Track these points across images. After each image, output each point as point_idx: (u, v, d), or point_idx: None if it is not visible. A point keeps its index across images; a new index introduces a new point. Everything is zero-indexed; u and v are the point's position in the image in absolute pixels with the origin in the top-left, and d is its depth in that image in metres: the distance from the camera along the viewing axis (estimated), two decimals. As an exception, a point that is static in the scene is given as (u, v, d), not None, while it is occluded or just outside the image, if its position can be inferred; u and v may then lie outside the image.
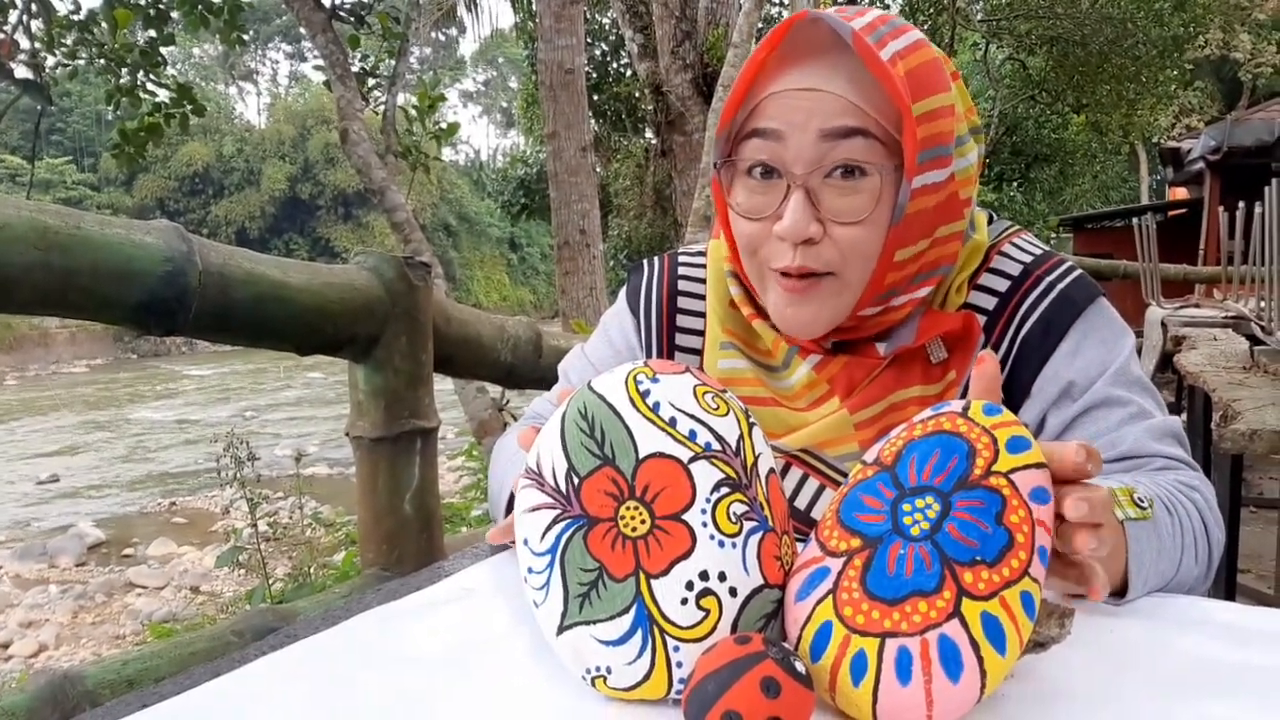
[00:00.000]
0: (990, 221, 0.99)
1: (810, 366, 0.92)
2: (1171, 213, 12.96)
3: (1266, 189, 2.20)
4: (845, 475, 0.88)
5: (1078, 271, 0.93)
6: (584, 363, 1.09)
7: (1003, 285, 0.92)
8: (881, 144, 0.81)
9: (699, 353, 1.02)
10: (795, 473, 0.93)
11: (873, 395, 0.90)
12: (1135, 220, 4.21)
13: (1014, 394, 0.91)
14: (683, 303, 1.04)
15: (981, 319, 0.91)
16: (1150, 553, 0.75)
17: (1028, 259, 0.93)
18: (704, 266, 1.04)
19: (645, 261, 1.10)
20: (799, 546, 0.65)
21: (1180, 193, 13.69)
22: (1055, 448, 0.61)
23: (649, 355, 1.04)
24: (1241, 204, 2.72)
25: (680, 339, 1.03)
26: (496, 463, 1.07)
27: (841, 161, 0.80)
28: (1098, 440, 0.87)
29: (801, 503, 0.93)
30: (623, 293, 1.10)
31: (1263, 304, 2.39)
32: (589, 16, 11.72)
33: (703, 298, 1.03)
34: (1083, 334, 0.89)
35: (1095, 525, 0.62)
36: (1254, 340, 2.36)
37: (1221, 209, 3.21)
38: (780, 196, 0.83)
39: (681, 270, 1.06)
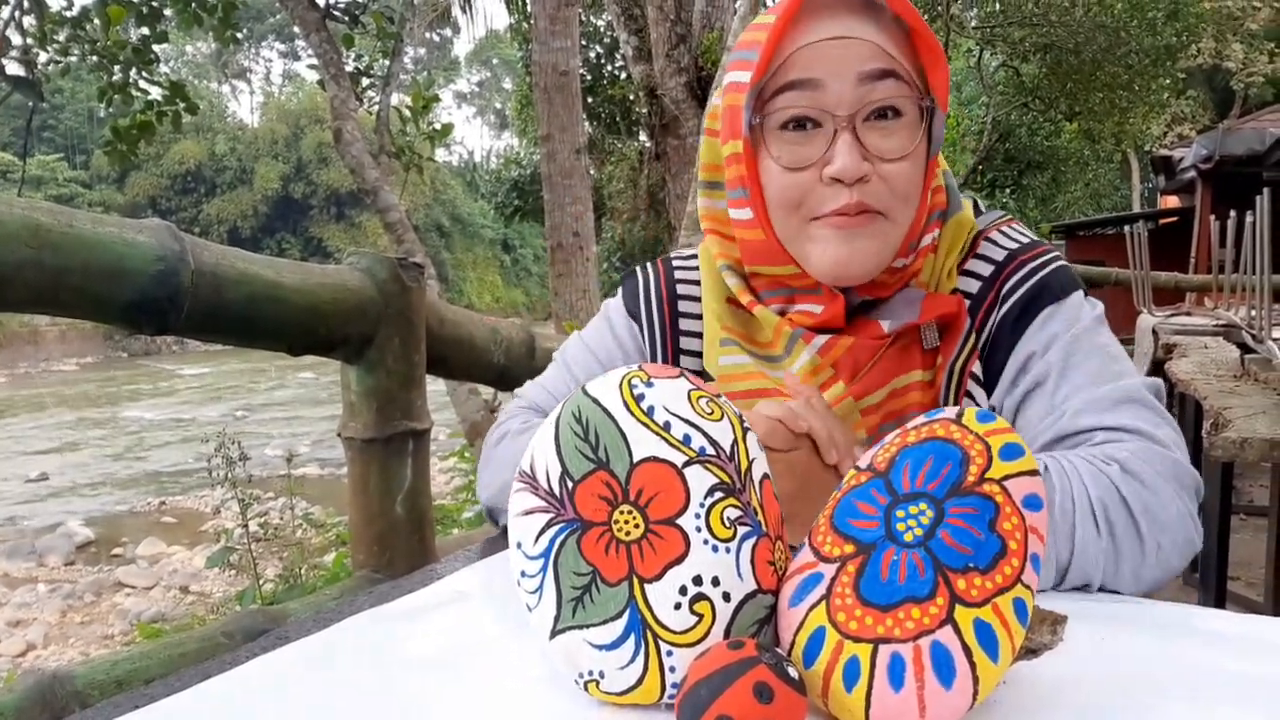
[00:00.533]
0: (977, 210, 1.01)
1: (814, 351, 0.92)
2: (1163, 221, 13.00)
3: (1257, 198, 2.21)
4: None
5: (1061, 262, 0.94)
6: (586, 354, 1.09)
7: (987, 270, 0.95)
8: (909, 85, 0.85)
9: (700, 355, 1.03)
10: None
11: (875, 380, 0.92)
12: (1127, 228, 4.23)
13: (990, 378, 0.93)
14: (683, 306, 1.05)
15: (967, 304, 0.94)
16: None
17: (1013, 245, 0.96)
18: (697, 269, 1.05)
19: (639, 268, 1.10)
20: (792, 552, 0.65)
21: (1172, 201, 13.75)
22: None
23: (653, 358, 1.05)
24: (1233, 213, 2.73)
25: (684, 341, 1.04)
26: (510, 453, 1.03)
27: (880, 102, 0.84)
28: (1041, 422, 0.88)
29: None
30: (619, 297, 1.10)
31: (1253, 312, 2.40)
32: (584, 19, 11.73)
33: (699, 299, 1.04)
34: (1050, 315, 0.91)
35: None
36: (1244, 348, 2.37)
37: (1213, 217, 3.22)
38: (824, 143, 0.85)
39: (678, 274, 1.07)
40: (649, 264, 1.10)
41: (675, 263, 1.08)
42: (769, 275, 0.95)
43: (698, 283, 1.05)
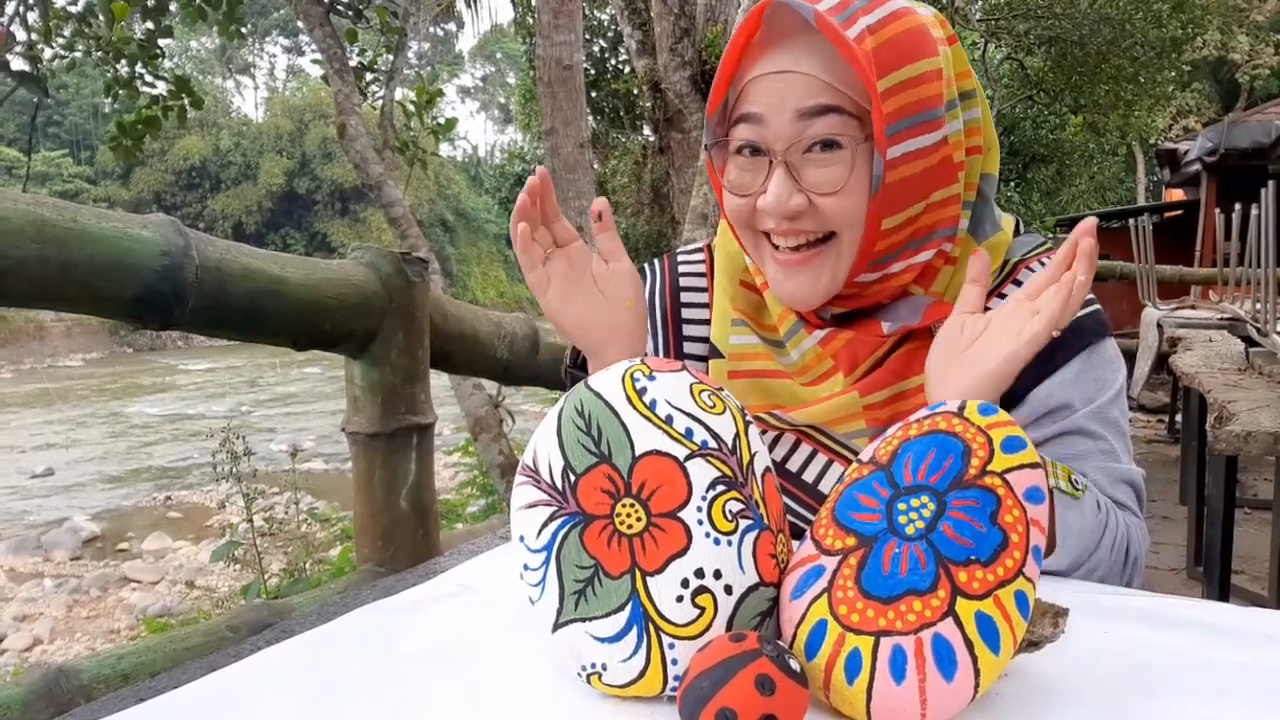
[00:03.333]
0: (1018, 231, 1.00)
1: (815, 341, 0.94)
2: (1168, 214, 12.97)
3: (1263, 191, 2.20)
4: (853, 450, 0.93)
5: (1096, 307, 0.95)
6: None
7: None
8: (855, 119, 0.84)
9: (705, 340, 1.05)
10: (805, 448, 0.96)
11: (882, 380, 0.92)
12: (1132, 221, 4.22)
13: (1005, 400, 0.91)
14: (685, 296, 1.08)
15: None
16: (1075, 524, 0.83)
17: None
18: (702, 262, 1.10)
19: (645, 265, 1.14)
20: (794, 544, 0.65)
21: (1177, 194, 13.70)
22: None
23: (656, 349, 1.08)
24: (1238, 206, 2.73)
25: (688, 329, 1.07)
26: None
27: (818, 137, 0.84)
28: (1067, 463, 0.90)
29: (810, 476, 0.96)
30: None
31: (1258, 306, 2.39)
32: (588, 13, 11.70)
33: (703, 290, 1.08)
34: (1085, 365, 0.92)
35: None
36: (1249, 342, 2.37)
37: (1218, 210, 3.21)
38: (764, 173, 0.88)
39: (683, 269, 1.11)
40: (656, 260, 1.14)
41: (680, 258, 1.12)
42: None
43: (702, 274, 1.09)
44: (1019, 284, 0.95)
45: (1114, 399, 0.93)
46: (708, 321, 1.06)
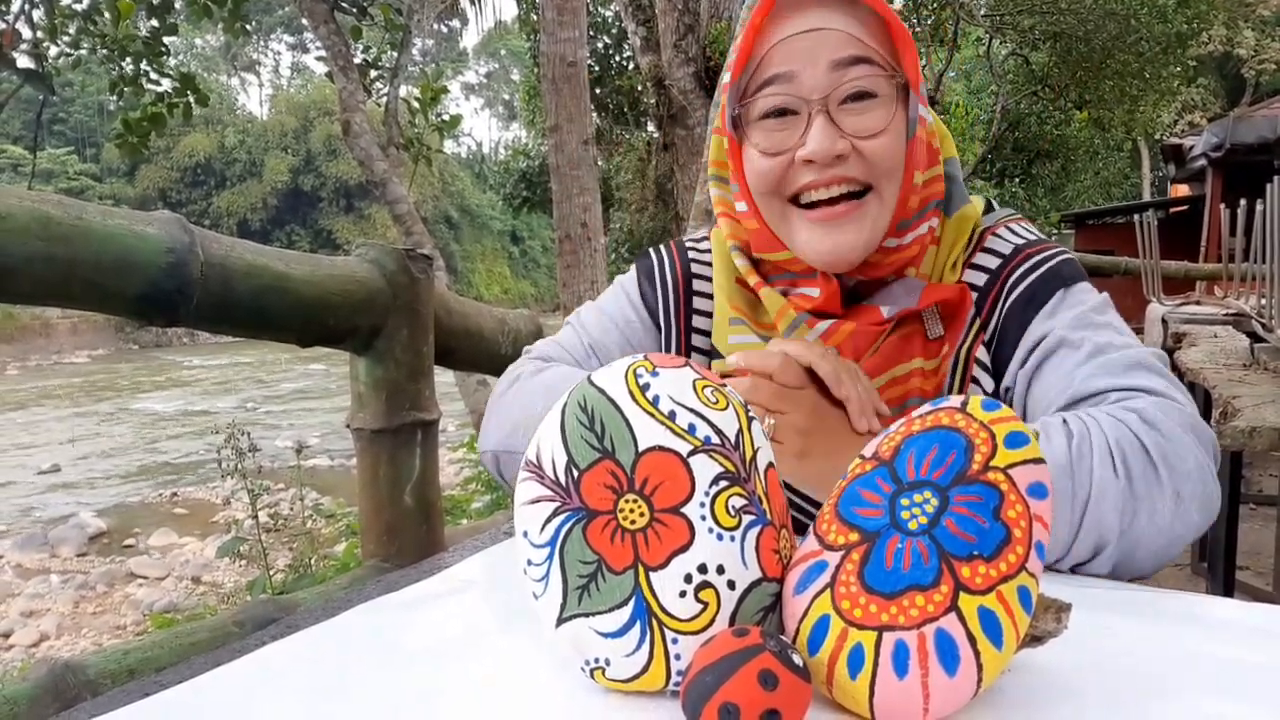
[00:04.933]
0: (990, 209, 1.03)
1: (816, 336, 0.94)
2: (1173, 210, 12.94)
3: (1268, 186, 2.20)
4: None
5: (1068, 255, 0.96)
6: (601, 316, 1.11)
7: (994, 263, 0.97)
8: (883, 70, 0.88)
9: (711, 334, 1.05)
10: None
11: (876, 366, 0.93)
12: (1137, 217, 4.21)
13: (999, 365, 0.94)
14: (697, 285, 1.08)
15: (975, 297, 0.96)
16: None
17: (1020, 240, 0.98)
18: (708, 252, 1.09)
19: (653, 249, 1.13)
20: (797, 539, 0.66)
21: (1182, 190, 13.67)
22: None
23: (666, 336, 1.08)
24: (1243, 201, 2.72)
25: (696, 320, 1.07)
26: (524, 393, 1.04)
27: (853, 88, 0.87)
28: (1053, 389, 0.88)
29: None
30: (634, 273, 1.13)
31: (1263, 301, 2.39)
32: (592, 9, 11.69)
33: (710, 280, 1.07)
34: (1060, 299, 0.93)
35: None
36: (1254, 337, 2.37)
37: (1223, 206, 3.21)
38: (800, 128, 0.89)
39: (692, 255, 1.10)
40: (663, 246, 1.13)
41: (689, 244, 1.12)
42: (772, 260, 0.99)
43: (709, 264, 1.08)
44: (988, 251, 0.97)
45: (1094, 308, 0.92)
46: (711, 313, 1.06)
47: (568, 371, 1.05)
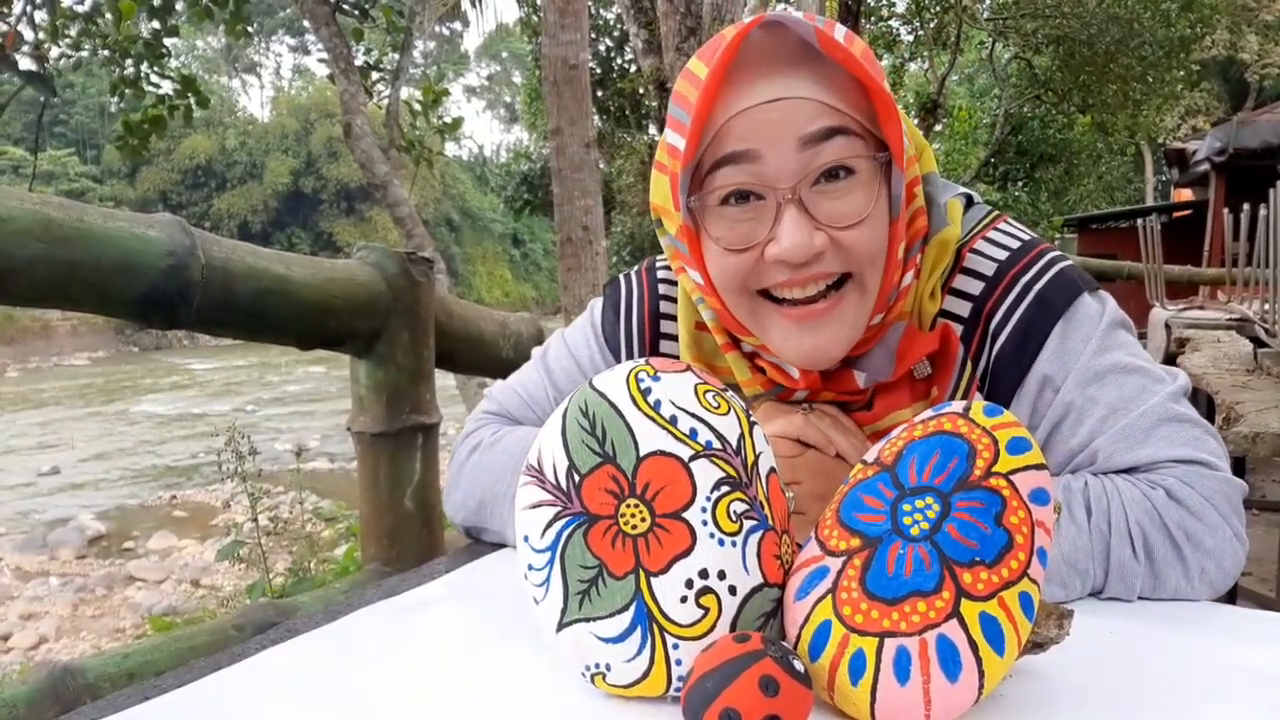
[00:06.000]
0: (969, 204, 0.92)
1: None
2: (1176, 214, 12.94)
3: (1271, 191, 2.20)
4: None
5: (1056, 266, 0.85)
6: (568, 360, 1.03)
7: (976, 288, 0.86)
8: (860, 139, 0.76)
9: None
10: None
11: (874, 416, 0.86)
12: (1140, 221, 4.20)
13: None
14: (665, 326, 0.98)
15: (958, 328, 0.86)
16: (1060, 556, 0.75)
17: (1002, 255, 0.86)
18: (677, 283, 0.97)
19: (622, 277, 1.04)
20: (799, 545, 0.65)
21: (1185, 194, 13.67)
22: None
23: None
24: (1246, 206, 2.72)
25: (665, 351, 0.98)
26: (483, 467, 0.98)
27: (828, 164, 0.75)
28: (1082, 452, 0.82)
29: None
30: (599, 311, 1.03)
31: (1267, 306, 2.39)
32: (593, 12, 11.71)
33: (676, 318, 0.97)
34: (1062, 335, 0.83)
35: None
36: (1258, 343, 2.36)
37: (1226, 211, 3.21)
38: (768, 219, 0.76)
39: (662, 290, 0.99)
40: (634, 274, 1.02)
41: (660, 272, 1.00)
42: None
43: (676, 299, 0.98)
44: (966, 271, 0.86)
45: (1099, 349, 0.83)
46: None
47: (526, 435, 0.97)
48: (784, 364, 0.86)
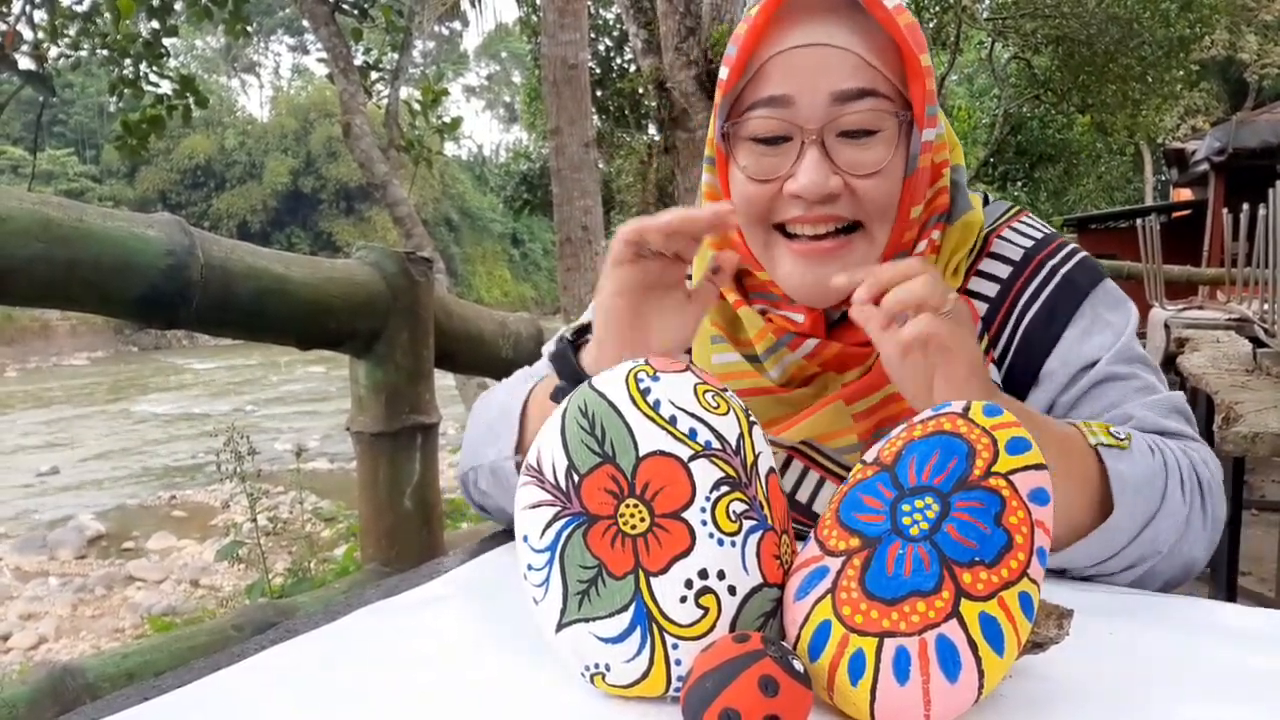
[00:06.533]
0: (986, 202, 0.98)
1: (799, 357, 0.90)
2: (1176, 214, 12.93)
3: (1271, 191, 2.20)
4: (846, 467, 0.89)
5: (1080, 254, 0.92)
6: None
7: (1004, 271, 0.91)
8: (889, 100, 0.81)
9: (690, 351, 0.99)
10: (796, 466, 0.92)
11: (869, 384, 0.88)
12: (1139, 221, 4.21)
13: (1018, 381, 0.90)
14: None
15: (982, 307, 0.91)
16: (1131, 474, 0.78)
17: (1028, 243, 0.93)
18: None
19: None
20: (798, 545, 0.65)
21: (1185, 194, 13.67)
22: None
23: None
24: (1246, 206, 2.72)
25: None
26: (494, 394, 1.05)
27: (853, 124, 0.80)
28: (1106, 414, 0.87)
29: (803, 496, 0.92)
30: None
31: (1266, 306, 2.39)
32: (593, 12, 11.71)
33: None
34: (1090, 318, 0.89)
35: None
36: (1257, 342, 2.36)
37: (1226, 211, 3.21)
38: (792, 156, 0.82)
39: None
40: None
41: None
42: (755, 278, 0.93)
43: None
44: (995, 257, 0.92)
45: (1131, 335, 0.90)
46: None
47: (521, 375, 1.04)
48: (790, 314, 0.91)
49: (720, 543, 0.59)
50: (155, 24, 5.67)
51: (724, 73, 0.85)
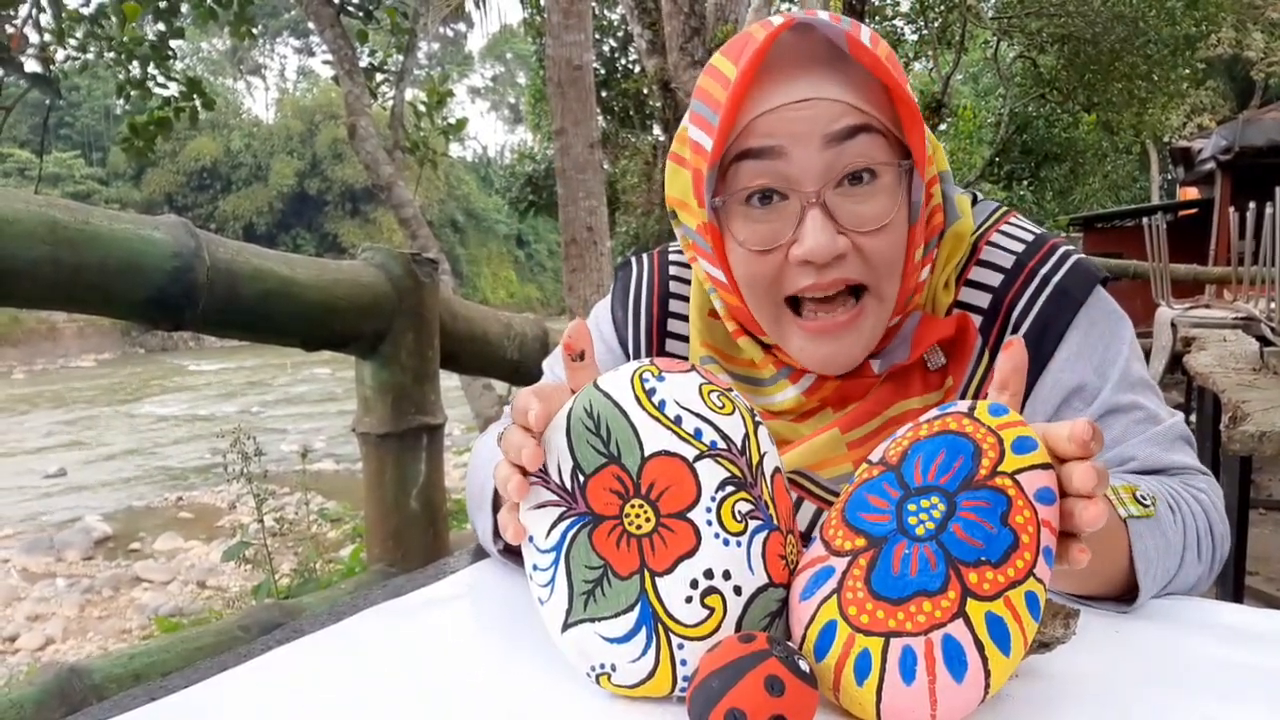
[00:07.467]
0: (975, 201, 0.93)
1: (800, 390, 0.87)
2: (1182, 213, 12.90)
3: (1277, 189, 2.19)
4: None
5: (1072, 258, 0.87)
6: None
7: (995, 279, 0.87)
8: (883, 137, 0.77)
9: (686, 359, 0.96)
10: (790, 495, 0.90)
11: (868, 411, 0.85)
12: (1145, 220, 4.19)
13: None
14: (674, 306, 0.98)
15: (976, 319, 0.87)
16: (1155, 550, 0.74)
17: (1019, 248, 0.88)
18: (690, 267, 0.98)
19: (634, 259, 1.04)
20: (803, 545, 0.65)
21: (1191, 192, 13.64)
22: (1058, 426, 0.58)
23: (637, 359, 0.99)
24: (1252, 204, 2.71)
25: (671, 345, 0.98)
26: (478, 458, 1.00)
27: (852, 166, 0.76)
28: (1109, 451, 0.84)
29: (799, 526, 0.88)
30: (609, 297, 1.04)
31: (1273, 305, 2.38)
32: (597, 12, 11.72)
33: (688, 300, 0.97)
34: (1083, 333, 0.85)
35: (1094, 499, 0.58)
36: (1264, 341, 2.35)
37: (1232, 209, 3.20)
38: (791, 220, 0.77)
39: (673, 271, 1.00)
40: (645, 257, 1.03)
41: (673, 256, 1.01)
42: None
43: (690, 283, 0.98)
44: (985, 265, 0.88)
45: (1130, 354, 0.86)
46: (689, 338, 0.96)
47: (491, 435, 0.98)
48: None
49: (726, 543, 0.59)
50: (161, 26, 5.69)
51: (703, 139, 0.79)
